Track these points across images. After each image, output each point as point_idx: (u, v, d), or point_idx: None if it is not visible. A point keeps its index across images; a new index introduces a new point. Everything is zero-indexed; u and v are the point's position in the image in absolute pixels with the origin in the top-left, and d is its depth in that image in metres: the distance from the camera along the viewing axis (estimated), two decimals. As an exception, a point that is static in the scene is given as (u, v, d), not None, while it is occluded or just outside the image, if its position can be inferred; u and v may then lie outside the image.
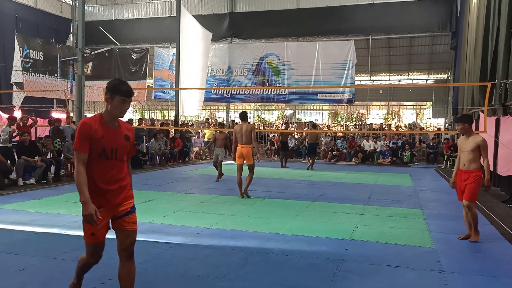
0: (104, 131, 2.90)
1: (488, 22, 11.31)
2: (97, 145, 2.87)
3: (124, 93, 2.92)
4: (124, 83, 2.96)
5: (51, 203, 7.35)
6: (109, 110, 2.95)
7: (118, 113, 2.94)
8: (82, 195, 2.81)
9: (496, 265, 4.47)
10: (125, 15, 23.97)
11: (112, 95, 2.90)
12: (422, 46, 22.79)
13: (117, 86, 2.91)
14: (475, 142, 5.26)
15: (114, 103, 2.91)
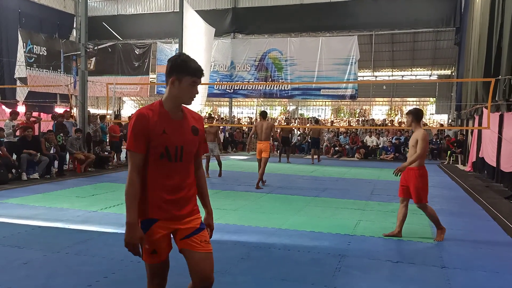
0: (166, 124, 2.25)
1: (492, 18, 11.25)
2: (158, 142, 2.22)
3: (196, 72, 2.26)
4: (193, 60, 2.29)
5: (54, 198, 7.39)
6: (173, 96, 2.28)
7: (187, 99, 2.29)
8: (128, 214, 2.21)
9: (498, 261, 4.47)
10: (128, 10, 23.94)
11: (178, 76, 2.23)
12: (425, 41, 22.67)
13: (186, 64, 2.24)
14: (415, 137, 5.10)
15: (181, 87, 2.24)
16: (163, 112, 2.27)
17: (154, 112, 2.25)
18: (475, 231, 5.77)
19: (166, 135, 2.23)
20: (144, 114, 2.22)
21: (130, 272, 3.92)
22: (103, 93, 18.86)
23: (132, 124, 2.22)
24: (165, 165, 2.26)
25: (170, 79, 2.26)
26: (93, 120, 12.93)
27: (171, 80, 2.26)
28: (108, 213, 6.26)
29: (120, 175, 10.72)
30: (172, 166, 2.27)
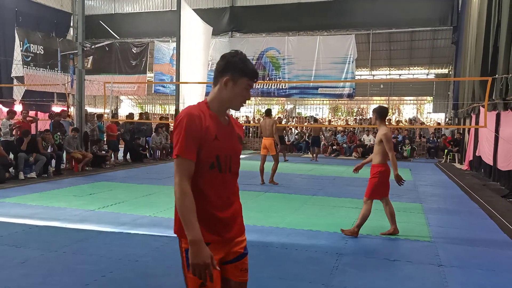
0: (218, 130, 1.96)
1: (489, 17, 11.28)
2: (209, 150, 1.92)
3: (254, 74, 1.99)
4: (249, 60, 2.02)
5: (52, 197, 7.38)
6: (223, 99, 1.99)
7: (237, 104, 2.02)
8: (191, 230, 1.81)
9: (495, 259, 4.49)
10: (125, 9, 23.89)
11: (234, 77, 1.96)
12: (423, 40, 22.70)
13: (244, 64, 1.97)
14: (379, 135, 5.13)
15: (235, 89, 1.97)
16: (213, 115, 1.97)
17: (205, 114, 1.94)
18: (472, 229, 5.80)
19: (218, 141, 1.94)
20: (197, 115, 1.90)
21: (127, 271, 3.93)
22: (100, 92, 18.80)
23: (184, 125, 1.87)
24: (216, 177, 1.95)
25: (222, 78, 1.97)
26: (91, 119, 12.91)
27: (224, 81, 1.96)
28: (106, 212, 6.26)
29: (117, 174, 10.71)
30: (223, 178, 1.97)
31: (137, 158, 13.47)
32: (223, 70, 1.98)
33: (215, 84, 2.02)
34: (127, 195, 7.72)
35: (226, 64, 1.97)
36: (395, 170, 5.10)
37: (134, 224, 5.58)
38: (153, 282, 3.70)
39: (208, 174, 1.93)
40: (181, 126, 1.88)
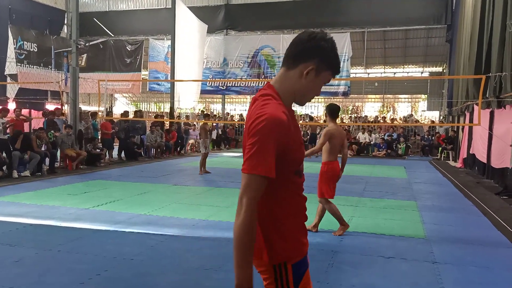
0: (296, 129, 1.60)
1: (483, 16, 11.33)
2: (297, 155, 1.60)
3: (338, 69, 1.64)
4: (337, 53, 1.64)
5: (46, 195, 7.34)
6: (297, 91, 1.62)
7: (307, 100, 1.68)
8: (242, 270, 1.53)
9: (489, 256, 4.52)
10: (119, 6, 23.76)
11: (320, 67, 1.58)
12: (417, 38, 22.78)
13: (334, 55, 1.59)
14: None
15: (315, 81, 1.60)
16: (290, 111, 1.60)
17: (290, 113, 1.56)
18: (466, 227, 5.83)
19: (301, 143, 1.63)
20: (284, 119, 1.48)
21: (123, 270, 3.91)
22: (94, 90, 18.72)
23: (268, 133, 1.45)
24: (297, 183, 1.65)
25: (306, 64, 1.57)
26: (85, 117, 12.84)
27: (308, 70, 1.57)
28: (100, 211, 6.24)
29: (112, 172, 10.67)
30: (302, 184, 1.69)
31: (131, 156, 13.43)
32: (309, 54, 1.56)
33: (290, 68, 1.60)
34: (122, 193, 7.69)
35: (314, 47, 1.56)
36: (342, 165, 5.23)
37: (129, 223, 5.57)
38: (148, 280, 3.70)
39: (291, 181, 1.61)
40: (264, 134, 1.44)
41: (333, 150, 5.10)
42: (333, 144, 5.07)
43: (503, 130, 9.27)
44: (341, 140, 5.15)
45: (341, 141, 5.14)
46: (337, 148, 5.12)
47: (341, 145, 5.15)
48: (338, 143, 5.10)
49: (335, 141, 5.07)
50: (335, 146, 5.09)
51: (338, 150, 5.15)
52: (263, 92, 1.59)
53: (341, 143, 5.14)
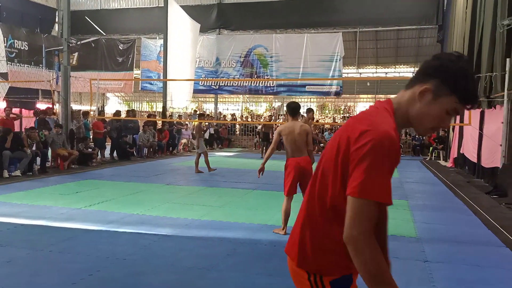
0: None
1: (474, 16, 11.44)
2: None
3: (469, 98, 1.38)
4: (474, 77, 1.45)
5: (37, 195, 7.28)
6: (410, 114, 1.44)
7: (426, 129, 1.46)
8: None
9: (479, 254, 4.58)
10: (111, 5, 23.61)
11: (439, 89, 1.37)
12: (409, 39, 22.92)
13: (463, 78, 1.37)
14: None
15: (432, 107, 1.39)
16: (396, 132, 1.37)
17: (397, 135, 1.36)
18: (457, 226, 5.89)
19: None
20: (396, 137, 1.33)
21: (115, 270, 3.90)
22: (86, 89, 18.61)
23: (385, 154, 1.30)
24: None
25: (421, 85, 1.40)
26: (76, 116, 12.76)
27: (422, 90, 1.39)
28: (93, 211, 6.21)
29: (104, 172, 10.61)
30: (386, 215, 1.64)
31: (124, 156, 13.36)
32: (429, 74, 1.39)
33: (407, 88, 1.45)
34: (114, 193, 7.66)
35: (438, 66, 1.38)
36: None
37: (121, 222, 5.55)
38: (141, 280, 3.69)
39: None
40: (381, 155, 1.29)
41: (287, 147, 5.18)
42: (286, 141, 5.16)
43: (493, 130, 9.37)
44: (294, 136, 5.13)
45: (294, 138, 5.12)
46: (292, 145, 5.14)
47: (298, 142, 5.14)
48: (291, 140, 5.13)
49: (286, 137, 5.14)
50: (288, 143, 5.15)
51: (298, 147, 5.15)
52: (380, 105, 1.45)
53: (294, 140, 5.13)
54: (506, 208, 6.97)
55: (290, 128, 5.15)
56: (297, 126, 5.19)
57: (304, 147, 5.19)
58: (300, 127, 5.18)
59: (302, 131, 5.16)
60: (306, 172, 5.09)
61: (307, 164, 5.17)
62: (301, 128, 5.17)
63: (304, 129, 5.18)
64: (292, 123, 5.21)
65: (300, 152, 5.16)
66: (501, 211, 6.76)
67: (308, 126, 5.26)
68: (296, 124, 5.22)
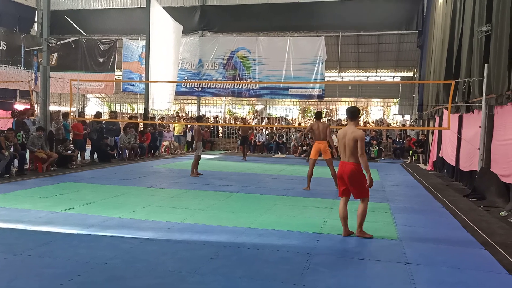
0: None
1: (453, 22, 11.68)
2: None
3: None
4: None
5: (15, 198, 7.11)
6: None
7: None
8: None
9: (459, 256, 4.66)
10: (92, 5, 23.31)
11: None
12: (389, 44, 23.27)
13: None
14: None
15: None
16: None
17: None
18: (437, 228, 5.98)
19: None
20: None
21: (96, 274, 3.83)
22: (65, 90, 18.29)
23: None
24: None
25: None
26: (55, 118, 12.52)
27: None
28: (72, 214, 6.09)
29: (84, 174, 10.44)
30: None
31: (104, 158, 13.18)
32: None
33: None
34: (95, 196, 7.54)
35: None
36: None
37: (102, 226, 5.46)
38: (122, 284, 3.63)
39: None
40: None
41: (339, 150, 5.37)
42: (338, 144, 5.36)
43: (472, 134, 9.57)
44: (345, 141, 5.27)
45: (344, 142, 5.27)
46: (342, 149, 5.31)
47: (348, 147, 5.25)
48: (342, 144, 5.30)
49: (339, 141, 5.32)
50: (340, 147, 5.35)
51: (346, 151, 5.26)
52: None
53: (344, 144, 5.29)
54: (484, 211, 7.12)
55: (344, 132, 5.26)
56: (349, 131, 5.21)
57: (352, 153, 5.18)
58: (351, 132, 5.19)
59: (352, 137, 5.16)
60: (345, 177, 5.23)
61: (348, 170, 5.19)
62: (351, 134, 5.17)
63: (354, 135, 5.13)
64: (347, 128, 5.29)
65: (348, 157, 5.23)
66: (479, 214, 6.91)
67: (360, 132, 5.15)
68: (349, 129, 5.25)
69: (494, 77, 7.98)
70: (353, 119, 5.33)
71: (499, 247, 4.99)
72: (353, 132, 5.16)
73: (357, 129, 5.22)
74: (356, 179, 5.21)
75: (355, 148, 5.13)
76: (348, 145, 5.17)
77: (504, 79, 7.40)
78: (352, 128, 5.23)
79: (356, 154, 5.14)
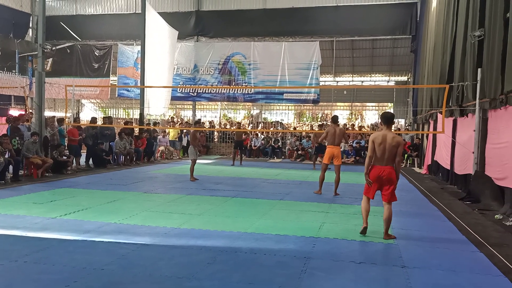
0: None
1: (446, 27, 11.79)
2: None
3: None
4: None
5: (10, 204, 7.08)
6: None
7: None
8: None
9: (454, 259, 4.69)
10: (87, 10, 23.32)
11: None
12: (383, 48, 23.42)
13: None
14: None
15: None
16: None
17: None
18: (432, 231, 6.02)
19: None
20: None
21: (93, 280, 3.82)
22: (60, 95, 18.25)
23: None
24: None
25: None
26: (50, 123, 12.48)
27: None
28: (68, 220, 6.07)
29: (79, 180, 10.40)
30: None
31: (100, 164, 13.13)
32: None
33: None
34: (91, 201, 7.51)
35: None
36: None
37: (98, 232, 5.44)
38: (120, 290, 3.62)
39: None
40: None
41: (377, 154, 5.45)
42: (378, 149, 5.43)
43: (466, 138, 9.64)
44: (386, 146, 5.40)
45: (385, 147, 5.40)
46: (382, 154, 5.42)
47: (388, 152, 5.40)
48: (382, 149, 5.41)
49: (379, 146, 5.41)
50: (379, 151, 5.44)
51: (386, 156, 5.41)
52: None
53: (384, 149, 5.41)
54: (479, 214, 7.17)
55: (384, 137, 5.38)
56: (390, 136, 5.39)
57: (391, 158, 5.39)
58: (392, 138, 5.36)
59: (395, 142, 5.34)
60: (384, 181, 5.44)
61: (388, 174, 5.40)
62: (394, 140, 5.35)
63: (397, 140, 5.35)
64: (385, 132, 5.43)
65: (386, 161, 5.40)
66: (474, 217, 6.95)
67: (401, 138, 5.38)
68: (389, 134, 5.42)
69: (487, 81, 8.06)
70: (390, 124, 5.54)
71: (494, 249, 5.03)
72: (395, 137, 5.38)
73: (397, 135, 5.46)
74: (392, 183, 5.47)
75: (395, 153, 5.36)
76: (388, 150, 5.36)
77: (497, 83, 7.47)
78: (392, 134, 5.44)
79: (394, 159, 5.39)
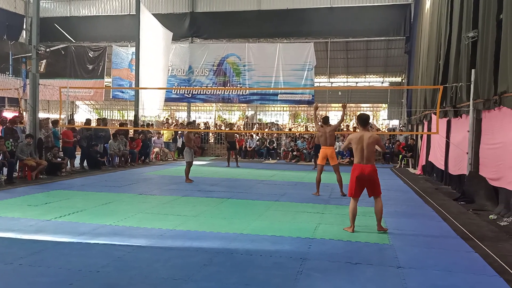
0: None
1: (440, 28, 11.86)
2: None
3: None
4: None
5: (4, 207, 7.03)
6: None
7: None
8: None
9: (450, 260, 4.71)
10: (81, 12, 23.25)
11: None
12: (378, 49, 23.54)
13: None
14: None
15: None
16: None
17: None
18: (427, 232, 6.04)
19: None
20: None
21: (89, 282, 3.81)
22: (54, 97, 18.16)
23: None
24: None
25: None
26: (45, 125, 12.41)
27: None
28: (63, 222, 6.04)
29: (74, 182, 10.35)
30: None
31: (94, 166, 13.08)
32: None
33: None
34: (86, 203, 7.48)
35: None
36: None
37: (94, 234, 5.42)
38: (116, 292, 3.61)
39: None
40: None
41: (355, 154, 5.72)
42: (355, 149, 5.71)
43: (460, 139, 9.70)
44: (363, 145, 5.67)
45: (363, 146, 5.67)
46: (360, 153, 5.68)
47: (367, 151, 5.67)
48: (360, 148, 5.67)
49: (356, 146, 5.69)
50: (357, 151, 5.71)
51: (365, 155, 5.67)
52: None
53: (362, 148, 5.68)
54: (473, 214, 7.21)
55: (361, 137, 5.65)
56: (367, 135, 5.67)
57: (372, 156, 5.69)
58: (369, 137, 5.65)
59: (373, 139, 5.64)
60: (368, 178, 5.68)
61: (369, 172, 5.66)
62: (371, 138, 5.64)
63: (374, 137, 5.66)
64: (362, 133, 5.72)
65: (366, 160, 5.67)
66: (469, 217, 6.99)
67: (377, 134, 5.73)
68: (366, 133, 5.70)
69: (481, 82, 8.11)
70: (366, 125, 5.86)
71: (489, 250, 5.06)
72: (371, 136, 5.66)
73: (373, 133, 5.78)
74: (375, 179, 5.76)
75: (374, 151, 5.68)
76: (367, 148, 5.63)
77: (490, 84, 7.53)
78: (369, 133, 5.72)
79: (373, 157, 5.70)
